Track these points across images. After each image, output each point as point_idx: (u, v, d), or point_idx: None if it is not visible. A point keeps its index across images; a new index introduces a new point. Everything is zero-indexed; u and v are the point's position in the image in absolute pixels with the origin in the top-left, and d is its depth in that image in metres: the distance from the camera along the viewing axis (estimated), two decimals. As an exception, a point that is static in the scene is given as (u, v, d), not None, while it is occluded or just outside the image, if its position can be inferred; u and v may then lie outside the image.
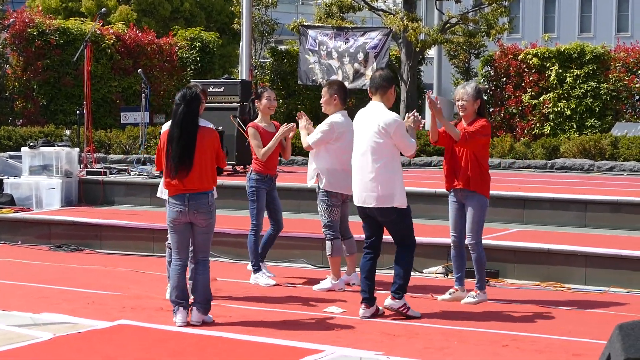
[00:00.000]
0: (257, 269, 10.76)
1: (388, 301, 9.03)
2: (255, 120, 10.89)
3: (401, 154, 9.23)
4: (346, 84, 24.88)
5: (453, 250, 9.90)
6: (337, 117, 10.31)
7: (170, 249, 9.00)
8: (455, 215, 9.87)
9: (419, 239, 11.78)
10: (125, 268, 12.01)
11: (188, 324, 8.55)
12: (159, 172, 9.22)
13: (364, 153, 9.13)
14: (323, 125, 10.27)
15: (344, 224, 10.60)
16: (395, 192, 9.04)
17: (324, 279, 10.51)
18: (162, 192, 9.59)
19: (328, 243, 10.36)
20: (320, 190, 10.30)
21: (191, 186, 8.64)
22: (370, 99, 9.37)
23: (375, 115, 9.12)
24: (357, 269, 10.04)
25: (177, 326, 8.52)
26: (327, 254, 10.43)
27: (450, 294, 9.87)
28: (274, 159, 10.85)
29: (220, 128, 10.18)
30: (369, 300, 9.06)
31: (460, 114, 9.90)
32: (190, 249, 8.89)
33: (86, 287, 10.53)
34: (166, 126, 9.11)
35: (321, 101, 10.50)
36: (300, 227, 12.38)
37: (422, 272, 11.54)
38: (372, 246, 9.26)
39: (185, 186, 8.62)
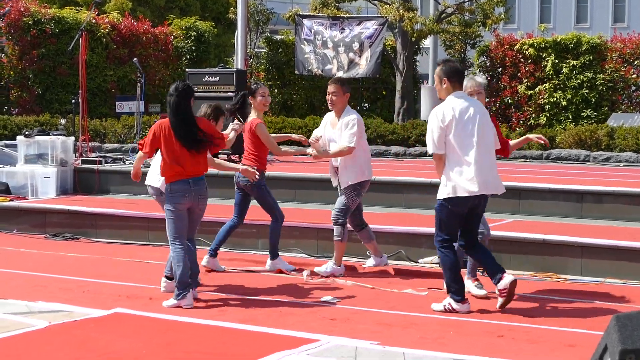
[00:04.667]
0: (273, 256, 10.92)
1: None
2: (256, 116, 10.83)
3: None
4: (340, 73, 24.99)
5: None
6: (352, 111, 10.57)
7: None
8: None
9: (414, 228, 11.84)
10: (121, 257, 12.00)
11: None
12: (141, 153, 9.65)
13: (489, 143, 8.96)
14: (351, 127, 10.39)
15: (361, 212, 10.78)
16: None
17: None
18: (159, 181, 9.72)
19: (339, 228, 10.42)
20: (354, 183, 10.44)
21: (193, 170, 9.13)
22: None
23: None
24: None
25: (185, 309, 8.79)
26: (337, 238, 10.44)
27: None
28: (267, 155, 11.10)
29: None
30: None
31: None
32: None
33: (81, 275, 10.53)
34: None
35: (334, 99, 10.51)
36: (296, 217, 12.37)
37: (418, 262, 11.53)
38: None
39: (187, 171, 9.09)
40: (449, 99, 8.89)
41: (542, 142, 9.98)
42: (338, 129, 10.46)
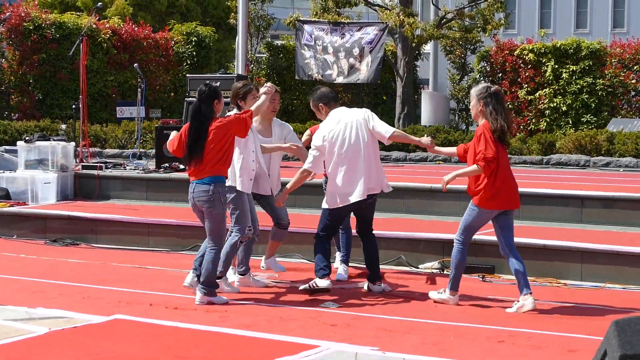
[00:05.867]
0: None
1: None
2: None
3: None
4: (341, 78, 25.01)
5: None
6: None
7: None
8: None
9: (414, 234, 11.82)
10: (121, 263, 12.00)
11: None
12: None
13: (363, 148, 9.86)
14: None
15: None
16: None
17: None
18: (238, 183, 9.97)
19: None
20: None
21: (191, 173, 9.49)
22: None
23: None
24: None
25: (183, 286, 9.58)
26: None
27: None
28: None
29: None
30: None
31: None
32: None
33: (82, 281, 10.53)
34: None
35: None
36: (296, 222, 12.36)
37: (418, 268, 11.54)
38: None
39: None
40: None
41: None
42: None
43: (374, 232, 10.38)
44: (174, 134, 9.82)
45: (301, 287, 9.80)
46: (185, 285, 9.74)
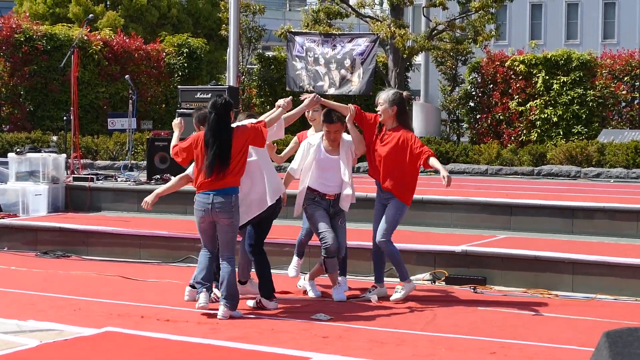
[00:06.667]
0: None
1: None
2: None
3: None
4: (332, 90, 24.99)
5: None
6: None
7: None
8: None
9: (405, 245, 11.81)
10: (112, 275, 11.97)
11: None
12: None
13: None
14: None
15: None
16: None
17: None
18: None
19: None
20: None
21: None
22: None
23: None
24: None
25: (197, 309, 9.27)
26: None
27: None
28: None
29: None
30: None
31: (379, 119, 10.18)
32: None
33: (73, 293, 10.50)
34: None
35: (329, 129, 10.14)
36: (288, 234, 12.36)
37: (410, 279, 11.51)
38: None
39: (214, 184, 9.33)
40: None
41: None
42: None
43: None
44: (178, 141, 9.81)
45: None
46: (199, 305, 9.34)
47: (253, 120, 9.76)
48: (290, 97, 10.39)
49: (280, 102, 10.01)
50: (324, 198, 10.16)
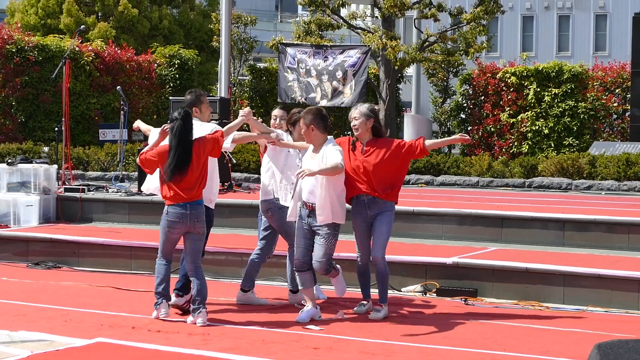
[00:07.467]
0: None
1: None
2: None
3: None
4: (324, 102, 25.01)
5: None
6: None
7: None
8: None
9: (396, 257, 11.81)
10: (103, 285, 11.96)
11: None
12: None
13: None
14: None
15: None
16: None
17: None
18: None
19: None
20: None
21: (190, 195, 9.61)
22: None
23: None
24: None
25: (162, 318, 9.57)
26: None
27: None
28: None
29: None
30: None
31: (355, 134, 10.11)
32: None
33: (64, 304, 10.49)
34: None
35: (302, 132, 9.97)
36: (279, 246, 12.35)
37: (401, 291, 11.54)
38: None
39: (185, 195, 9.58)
40: None
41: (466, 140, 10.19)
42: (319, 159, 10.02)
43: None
44: (151, 148, 9.85)
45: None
46: (163, 315, 9.71)
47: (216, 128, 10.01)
48: (249, 107, 10.51)
49: (241, 112, 10.19)
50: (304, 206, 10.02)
